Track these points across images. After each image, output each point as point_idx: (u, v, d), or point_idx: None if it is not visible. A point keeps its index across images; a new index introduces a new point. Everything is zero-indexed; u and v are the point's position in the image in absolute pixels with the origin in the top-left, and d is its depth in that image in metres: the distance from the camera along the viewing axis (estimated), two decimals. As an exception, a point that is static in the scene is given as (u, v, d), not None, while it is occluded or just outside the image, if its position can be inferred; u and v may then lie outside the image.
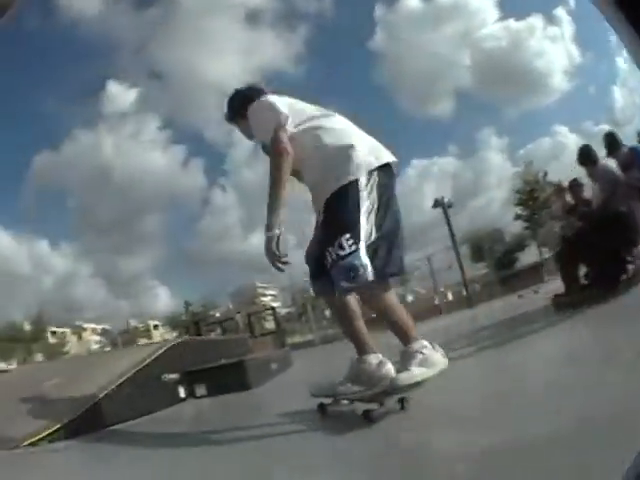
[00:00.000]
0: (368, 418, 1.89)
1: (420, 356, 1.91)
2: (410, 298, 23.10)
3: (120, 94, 46.95)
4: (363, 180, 1.99)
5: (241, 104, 2.33)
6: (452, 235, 17.92)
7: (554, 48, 35.80)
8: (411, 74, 40.61)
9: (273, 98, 2.22)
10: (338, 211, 2.00)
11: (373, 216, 1.97)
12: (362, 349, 2.13)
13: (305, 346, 17.53)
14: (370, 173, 2.00)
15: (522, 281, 13.99)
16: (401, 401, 1.97)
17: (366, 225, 1.95)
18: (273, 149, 2.05)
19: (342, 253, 1.91)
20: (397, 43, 42.05)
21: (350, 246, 1.90)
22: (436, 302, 15.91)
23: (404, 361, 1.94)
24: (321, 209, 2.10)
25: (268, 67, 62.07)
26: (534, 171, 24.34)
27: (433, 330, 5.76)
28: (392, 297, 2.05)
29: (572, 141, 31.16)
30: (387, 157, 2.12)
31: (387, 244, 1.98)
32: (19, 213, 57.07)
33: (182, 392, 4.13)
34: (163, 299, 42.14)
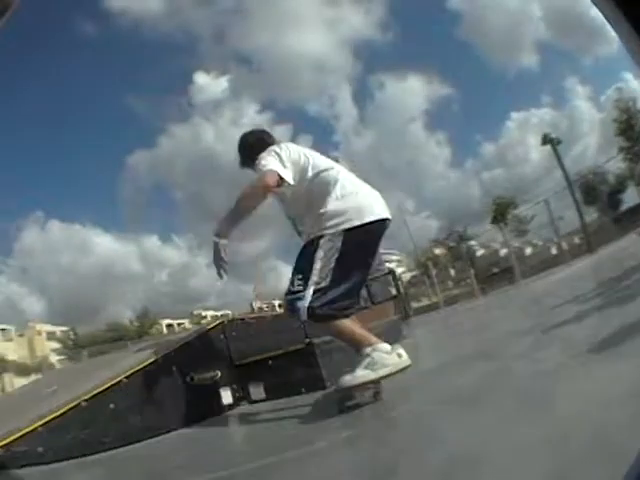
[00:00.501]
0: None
1: (368, 359, 2.12)
2: (528, 251, 21.23)
3: (209, 84, 48.46)
4: (326, 237, 2.23)
5: (251, 152, 2.52)
6: (565, 174, 17.36)
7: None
8: (491, 30, 41.07)
9: (281, 148, 2.41)
10: (301, 255, 2.31)
11: (330, 267, 2.20)
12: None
13: (429, 309, 16.28)
14: (341, 232, 2.23)
15: (632, 221, 13.92)
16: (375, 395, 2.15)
17: (318, 274, 2.20)
18: (257, 181, 2.28)
19: (291, 289, 2.23)
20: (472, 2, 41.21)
21: (297, 286, 2.21)
22: (554, 251, 15.61)
23: (354, 365, 2.14)
24: None
25: (353, 37, 60.74)
26: (625, 98, 22.58)
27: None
28: (335, 327, 2.25)
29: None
30: (369, 216, 2.28)
31: (336, 292, 2.19)
32: (121, 215, 62.24)
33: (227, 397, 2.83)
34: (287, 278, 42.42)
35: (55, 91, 51.95)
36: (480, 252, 28.45)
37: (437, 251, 29.00)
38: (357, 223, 2.24)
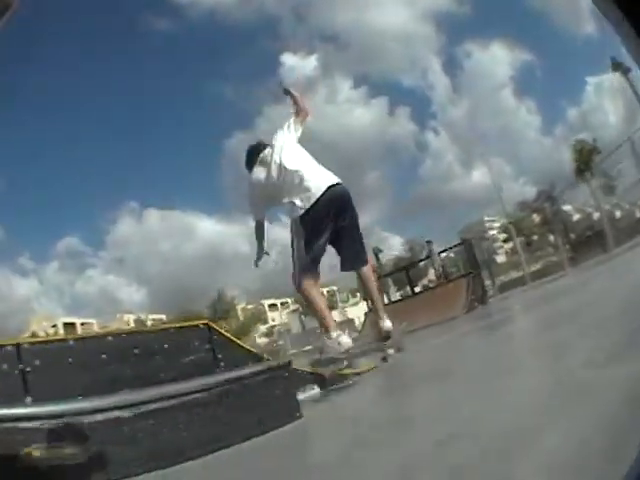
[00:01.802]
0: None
1: (321, 344, 3.36)
2: (618, 214, 18.06)
3: (298, 64, 48.25)
4: (295, 220, 3.26)
5: (250, 161, 3.63)
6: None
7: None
8: None
9: (253, 176, 3.54)
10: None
11: (303, 242, 3.20)
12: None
13: (514, 285, 14.69)
14: (302, 214, 3.20)
15: None
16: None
17: (297, 246, 3.24)
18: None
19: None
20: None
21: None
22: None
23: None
24: None
25: (432, 9, 57.35)
26: None
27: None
28: (313, 304, 3.27)
29: None
30: (317, 192, 3.20)
31: (310, 259, 3.21)
32: (226, 199, 64.34)
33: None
34: (398, 249, 42.31)
35: (153, 79, 53.15)
36: (573, 217, 25.70)
37: (527, 216, 26.54)
38: (316, 197, 3.19)
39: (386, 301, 13.93)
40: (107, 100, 51.31)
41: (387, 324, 3.46)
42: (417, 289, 15.25)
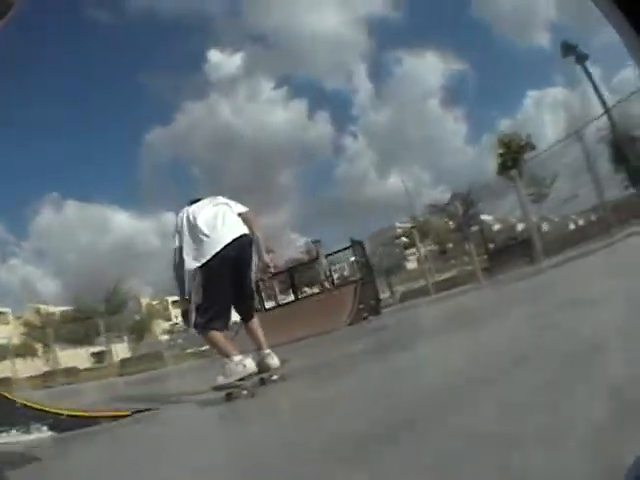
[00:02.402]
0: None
1: (223, 369, 3.24)
2: (545, 226, 16.68)
3: (224, 61, 46.81)
4: (191, 273, 3.43)
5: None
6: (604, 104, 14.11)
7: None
8: (505, 7, 40.18)
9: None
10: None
11: (200, 294, 3.36)
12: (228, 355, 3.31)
13: (416, 295, 13.53)
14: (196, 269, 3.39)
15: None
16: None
17: (195, 297, 3.37)
18: None
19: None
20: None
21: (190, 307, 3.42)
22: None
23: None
24: None
25: (367, 14, 57.98)
26: None
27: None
28: (209, 338, 3.41)
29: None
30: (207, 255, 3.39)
31: (207, 312, 3.35)
32: (139, 191, 62.02)
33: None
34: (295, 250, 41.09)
35: (71, 70, 50.70)
36: (493, 226, 25.11)
37: (441, 221, 25.48)
38: (206, 258, 3.39)
39: (272, 305, 12.03)
40: (29, 86, 46.28)
41: (275, 362, 3.55)
42: (306, 294, 13.75)
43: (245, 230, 3.50)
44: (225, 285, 3.38)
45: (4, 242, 39.06)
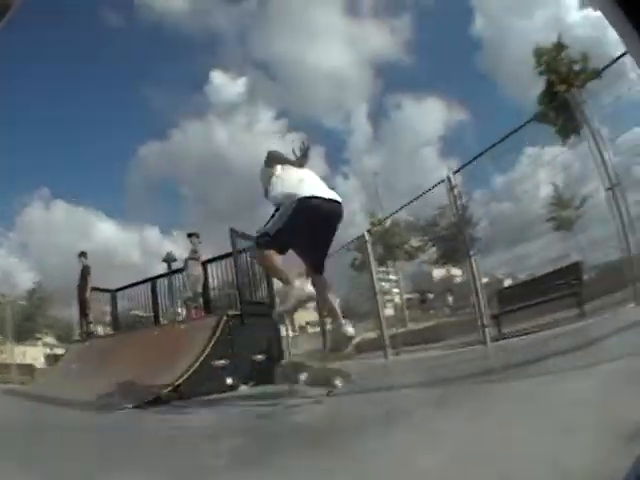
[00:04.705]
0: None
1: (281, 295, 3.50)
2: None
3: (226, 84, 46.97)
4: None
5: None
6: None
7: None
8: (510, 59, 38.16)
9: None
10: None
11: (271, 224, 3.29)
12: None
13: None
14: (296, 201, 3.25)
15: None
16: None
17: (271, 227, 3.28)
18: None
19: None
20: (496, 29, 40.80)
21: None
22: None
23: None
24: None
25: (374, 56, 59.45)
26: None
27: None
28: (265, 260, 3.31)
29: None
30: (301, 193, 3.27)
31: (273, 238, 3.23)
32: (128, 204, 61.31)
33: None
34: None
35: (74, 72, 50.91)
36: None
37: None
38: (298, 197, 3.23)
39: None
40: (31, 84, 46.80)
41: (350, 330, 3.32)
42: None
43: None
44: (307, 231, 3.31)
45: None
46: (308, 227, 3.22)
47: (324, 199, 3.25)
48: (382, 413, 2.41)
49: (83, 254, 10.12)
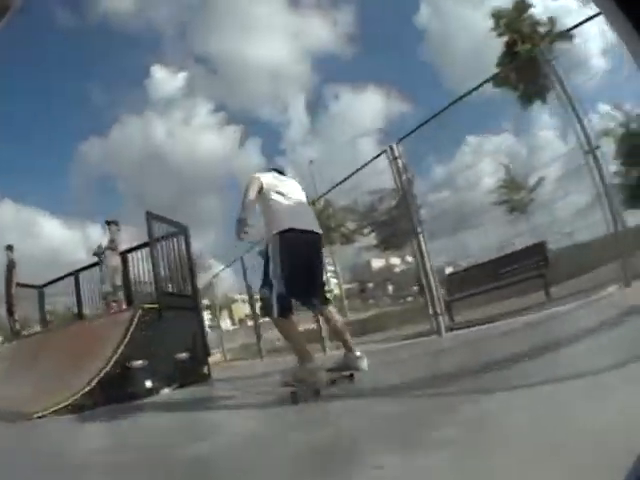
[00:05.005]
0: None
1: (296, 372, 2.99)
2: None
3: (166, 79, 45.42)
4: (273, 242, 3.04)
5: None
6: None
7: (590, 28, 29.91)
8: (455, 51, 38.79)
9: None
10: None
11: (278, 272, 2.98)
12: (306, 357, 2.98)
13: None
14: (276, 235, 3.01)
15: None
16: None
17: (273, 279, 2.96)
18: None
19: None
20: (441, 19, 39.97)
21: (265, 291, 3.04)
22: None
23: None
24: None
25: (315, 49, 59.77)
26: None
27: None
28: (286, 330, 3.02)
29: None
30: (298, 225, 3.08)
31: (286, 293, 2.93)
32: (70, 199, 58.54)
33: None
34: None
35: (13, 70, 46.28)
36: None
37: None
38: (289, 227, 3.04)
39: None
40: None
41: (364, 365, 3.14)
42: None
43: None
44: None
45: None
46: (299, 255, 3.08)
47: (303, 231, 3.14)
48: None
49: (9, 247, 9.16)
